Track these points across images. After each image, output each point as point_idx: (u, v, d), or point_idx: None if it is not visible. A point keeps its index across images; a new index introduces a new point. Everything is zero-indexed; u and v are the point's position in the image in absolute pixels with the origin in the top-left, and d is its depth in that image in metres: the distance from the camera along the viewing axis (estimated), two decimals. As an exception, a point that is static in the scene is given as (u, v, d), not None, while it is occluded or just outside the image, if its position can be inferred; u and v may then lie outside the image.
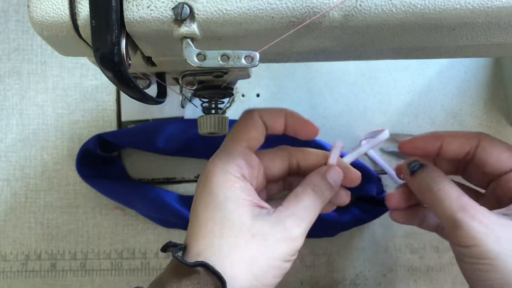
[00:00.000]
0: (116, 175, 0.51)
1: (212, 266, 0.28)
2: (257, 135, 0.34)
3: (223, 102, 0.43)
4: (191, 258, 0.30)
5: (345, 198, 0.36)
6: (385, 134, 0.39)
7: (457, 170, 0.39)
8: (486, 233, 0.29)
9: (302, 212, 0.31)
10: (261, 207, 0.32)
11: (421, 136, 0.36)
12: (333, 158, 0.35)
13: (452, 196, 0.32)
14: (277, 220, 0.30)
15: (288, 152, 0.36)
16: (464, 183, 0.38)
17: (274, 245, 0.30)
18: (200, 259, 0.29)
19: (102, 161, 0.51)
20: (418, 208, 0.38)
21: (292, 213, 0.31)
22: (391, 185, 0.51)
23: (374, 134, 0.47)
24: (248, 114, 0.34)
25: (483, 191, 0.38)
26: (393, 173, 0.50)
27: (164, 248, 0.31)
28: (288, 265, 0.31)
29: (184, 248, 0.31)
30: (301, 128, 0.35)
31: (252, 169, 0.33)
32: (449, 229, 0.32)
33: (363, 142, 0.48)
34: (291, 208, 0.31)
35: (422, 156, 0.36)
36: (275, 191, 0.39)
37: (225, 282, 0.28)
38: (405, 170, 0.36)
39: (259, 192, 0.35)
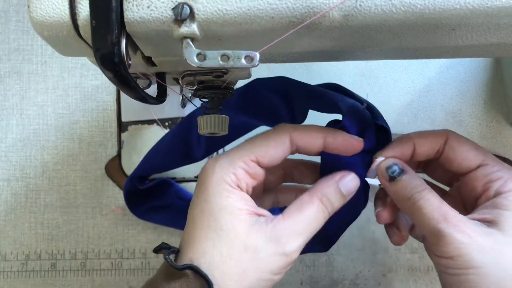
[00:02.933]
0: (167, 203, 0.49)
1: (200, 269, 0.28)
2: (275, 156, 0.32)
3: (223, 102, 0.43)
4: (184, 262, 0.29)
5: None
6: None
7: (419, 166, 0.38)
8: (469, 243, 0.29)
9: (302, 225, 0.30)
10: (259, 215, 0.31)
11: (396, 145, 0.34)
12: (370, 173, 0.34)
13: (434, 205, 0.30)
14: (272, 234, 0.29)
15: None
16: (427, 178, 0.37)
17: (266, 259, 0.29)
18: None
19: (148, 193, 0.49)
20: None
21: (290, 226, 0.30)
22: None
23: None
24: (278, 132, 0.32)
25: (447, 188, 0.38)
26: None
27: (157, 250, 0.31)
28: (279, 277, 0.30)
29: (177, 251, 0.31)
30: (343, 147, 0.32)
31: (252, 181, 0.32)
32: (431, 240, 0.31)
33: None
34: (290, 220, 0.30)
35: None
36: (274, 182, 0.38)
37: (212, 284, 0.28)
38: (383, 174, 0.33)
39: (257, 189, 0.35)
